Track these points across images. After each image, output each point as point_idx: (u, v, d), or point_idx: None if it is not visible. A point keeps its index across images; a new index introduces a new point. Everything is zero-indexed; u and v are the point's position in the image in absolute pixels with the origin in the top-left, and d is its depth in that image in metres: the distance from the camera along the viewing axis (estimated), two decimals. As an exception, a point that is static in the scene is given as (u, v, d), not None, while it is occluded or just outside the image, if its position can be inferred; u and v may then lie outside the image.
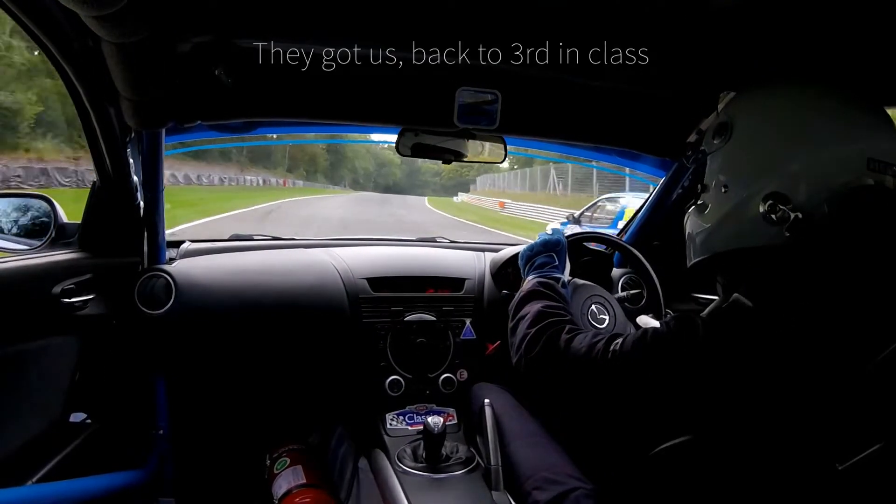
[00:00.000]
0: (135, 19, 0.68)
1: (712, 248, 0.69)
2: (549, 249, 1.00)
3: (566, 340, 0.73)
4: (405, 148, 1.20)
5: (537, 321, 0.80)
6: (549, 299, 0.86)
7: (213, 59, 0.94)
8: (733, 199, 0.66)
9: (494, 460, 0.94)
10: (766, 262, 0.63)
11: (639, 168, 1.53)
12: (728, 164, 0.68)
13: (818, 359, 0.56)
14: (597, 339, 0.70)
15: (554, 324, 0.78)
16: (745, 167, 0.66)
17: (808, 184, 0.60)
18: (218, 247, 1.42)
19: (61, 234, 1.11)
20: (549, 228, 1.09)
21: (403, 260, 1.42)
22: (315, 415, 1.53)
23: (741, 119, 0.67)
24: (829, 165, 0.60)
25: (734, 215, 0.65)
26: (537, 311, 0.82)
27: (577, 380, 0.70)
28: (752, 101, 0.69)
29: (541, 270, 0.96)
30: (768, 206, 0.60)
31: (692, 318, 0.62)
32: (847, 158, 0.59)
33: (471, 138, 1.20)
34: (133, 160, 1.09)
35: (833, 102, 0.64)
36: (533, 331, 0.78)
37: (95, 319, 1.08)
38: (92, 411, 1.17)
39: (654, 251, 1.42)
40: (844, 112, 0.63)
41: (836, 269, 0.60)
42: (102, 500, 1.08)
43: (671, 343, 0.62)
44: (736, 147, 0.67)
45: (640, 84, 1.07)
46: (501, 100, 1.09)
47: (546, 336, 0.76)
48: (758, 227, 0.62)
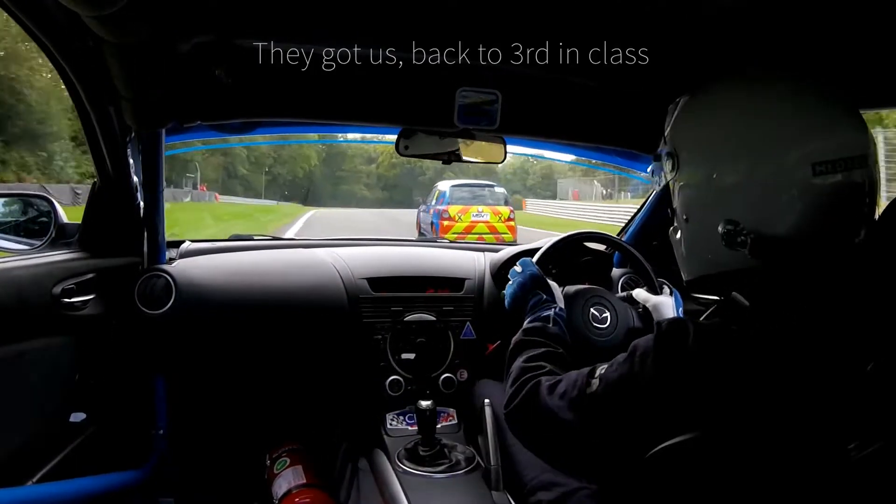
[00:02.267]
0: (135, 19, 0.68)
1: (694, 271, 0.70)
2: (530, 287, 0.96)
3: (546, 389, 0.70)
4: (405, 148, 1.20)
5: (518, 377, 0.77)
6: (534, 346, 0.83)
7: (213, 59, 0.94)
8: (695, 229, 0.66)
9: (494, 460, 0.94)
10: (745, 281, 0.63)
11: (639, 168, 1.53)
12: (683, 196, 0.68)
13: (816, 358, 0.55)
14: (577, 375, 0.68)
15: (533, 377, 0.75)
16: (697, 198, 0.66)
17: (756, 201, 0.59)
18: (218, 247, 1.42)
19: (61, 234, 1.11)
20: (517, 265, 1.02)
21: (403, 260, 1.42)
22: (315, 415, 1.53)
23: (682, 147, 0.67)
24: (774, 180, 0.58)
25: (700, 245, 0.66)
26: (518, 366, 0.79)
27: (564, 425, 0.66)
28: (687, 122, 0.68)
29: (532, 313, 0.92)
30: (725, 233, 0.60)
31: (683, 325, 0.60)
32: (791, 168, 0.58)
33: (471, 138, 1.20)
34: (133, 160, 1.09)
35: (770, 105, 0.61)
36: (513, 389, 0.75)
37: (95, 319, 1.08)
38: (92, 411, 1.17)
39: (654, 251, 1.42)
40: (783, 114, 0.60)
41: (811, 281, 0.59)
42: (102, 500, 1.08)
43: (658, 351, 0.59)
44: (684, 178, 0.67)
45: (640, 84, 1.07)
46: (501, 100, 1.09)
47: (525, 391, 0.73)
48: (724, 253, 0.62)
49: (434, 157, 1.22)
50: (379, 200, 47.79)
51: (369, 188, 53.12)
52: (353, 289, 1.27)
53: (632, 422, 0.61)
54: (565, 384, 0.68)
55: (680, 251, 0.72)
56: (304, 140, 28.40)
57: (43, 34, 0.81)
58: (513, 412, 0.73)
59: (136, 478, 1.22)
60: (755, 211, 0.60)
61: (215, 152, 29.07)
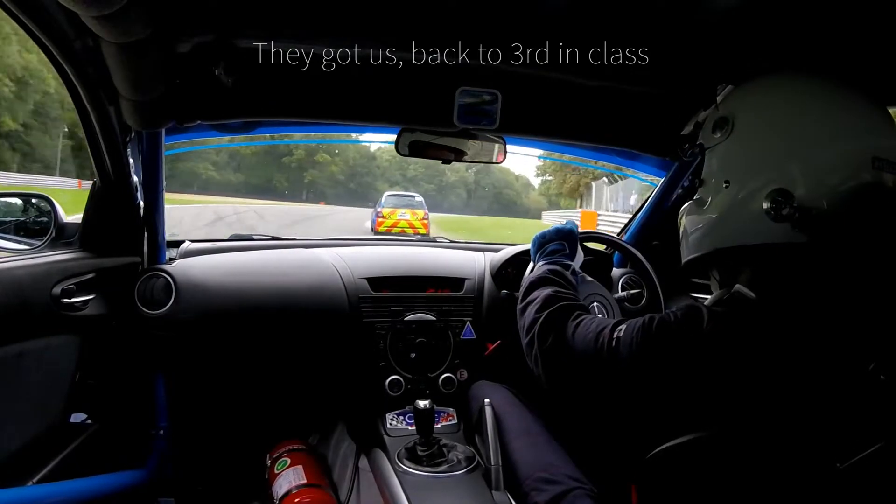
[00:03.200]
0: (135, 19, 0.68)
1: (712, 244, 0.68)
2: (561, 238, 1.00)
3: (574, 326, 0.72)
4: (405, 148, 1.20)
5: (547, 305, 0.78)
6: (559, 286, 0.85)
7: (213, 58, 0.94)
8: (735, 194, 0.65)
9: (494, 460, 0.94)
10: (767, 258, 0.63)
11: (639, 168, 1.53)
12: (729, 160, 0.67)
13: (821, 353, 0.56)
14: (603, 325, 0.69)
15: (563, 308, 0.76)
16: (747, 163, 0.65)
17: (811, 181, 0.60)
18: (218, 247, 1.42)
19: (61, 234, 1.11)
20: (563, 221, 1.09)
21: (403, 260, 1.42)
22: (315, 414, 1.53)
23: (742, 113, 0.66)
24: (833, 163, 0.59)
25: (736, 211, 0.65)
26: (548, 295, 0.80)
27: (584, 370, 0.69)
28: (754, 94, 0.68)
29: (552, 257, 0.96)
30: (771, 203, 0.60)
31: (697, 309, 0.61)
32: (851, 156, 0.59)
33: (471, 138, 1.20)
34: (133, 160, 1.09)
35: (837, 98, 0.64)
36: (543, 315, 0.76)
37: (95, 319, 1.08)
38: (92, 411, 1.17)
39: (654, 251, 1.42)
40: (848, 109, 0.63)
41: (838, 268, 0.59)
42: (102, 500, 1.08)
43: (676, 333, 0.61)
44: (737, 142, 0.66)
45: (640, 84, 1.07)
46: (501, 100, 1.09)
47: (556, 321, 0.74)
48: (760, 224, 0.61)
49: (434, 157, 1.22)
50: (232, 185, 40.19)
51: (218, 169, 42.81)
52: (353, 288, 1.27)
53: (643, 389, 0.63)
54: (590, 330, 0.70)
55: (699, 223, 0.70)
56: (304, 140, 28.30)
57: (43, 34, 0.81)
58: (545, 341, 0.74)
59: (136, 478, 1.22)
60: (807, 187, 0.59)
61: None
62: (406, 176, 50.26)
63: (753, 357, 0.57)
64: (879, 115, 0.63)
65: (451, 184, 57.63)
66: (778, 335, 0.58)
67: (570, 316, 0.74)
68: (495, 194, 59.09)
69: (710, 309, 0.62)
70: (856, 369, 0.54)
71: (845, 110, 0.62)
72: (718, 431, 0.59)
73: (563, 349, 0.72)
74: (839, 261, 0.59)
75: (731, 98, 0.70)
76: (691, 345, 0.59)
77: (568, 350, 0.71)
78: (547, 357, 0.74)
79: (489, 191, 59.95)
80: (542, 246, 1.01)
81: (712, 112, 0.71)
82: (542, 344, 0.75)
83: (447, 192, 56.37)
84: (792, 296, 0.60)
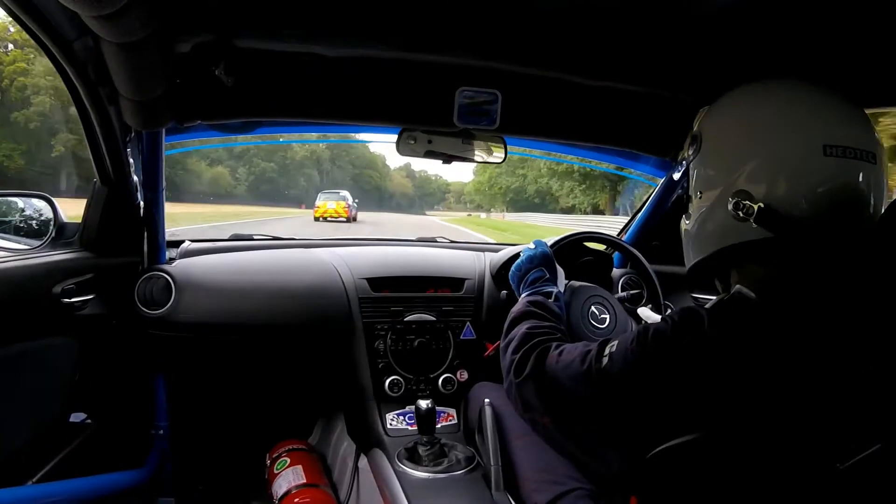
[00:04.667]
0: (135, 19, 0.68)
1: (701, 250, 0.72)
2: (537, 263, 0.98)
3: (555, 357, 0.72)
4: (405, 148, 1.19)
5: (523, 343, 0.78)
6: (539, 318, 0.84)
7: (213, 58, 0.94)
8: (706, 202, 0.70)
9: (494, 460, 0.94)
10: (752, 257, 0.66)
11: (639, 168, 1.53)
12: (700, 173, 0.72)
13: (820, 354, 0.56)
14: (588, 348, 0.69)
15: (541, 342, 0.76)
16: (712, 172, 0.70)
17: (767, 175, 0.63)
18: (218, 247, 1.42)
19: (61, 234, 1.11)
20: (531, 243, 1.06)
21: (403, 260, 1.42)
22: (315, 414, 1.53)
23: (707, 129, 0.72)
24: (785, 155, 0.63)
25: (710, 218, 0.70)
26: (524, 333, 0.80)
27: (573, 396, 0.68)
28: (717, 109, 0.73)
29: (533, 287, 0.94)
30: (734, 204, 0.64)
31: (696, 311, 0.62)
32: (803, 146, 0.62)
33: (471, 138, 1.20)
34: (133, 160, 1.09)
35: (794, 98, 0.66)
36: (518, 355, 0.76)
37: (95, 319, 1.08)
38: (92, 411, 1.18)
39: (654, 251, 1.42)
40: (803, 104, 0.65)
41: (811, 260, 0.61)
42: (102, 500, 1.08)
43: (674, 338, 0.61)
44: (704, 155, 0.72)
45: (640, 84, 1.07)
46: (501, 100, 1.09)
47: (533, 356, 0.74)
48: (731, 226, 0.65)
49: (433, 157, 1.22)
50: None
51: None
52: (353, 289, 1.27)
53: (642, 403, 0.63)
54: (574, 355, 0.70)
55: (687, 233, 0.75)
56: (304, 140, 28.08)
57: (43, 34, 0.81)
58: (523, 381, 0.74)
59: (135, 478, 1.23)
60: (764, 183, 0.63)
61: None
62: (233, 153, 40.46)
63: (756, 356, 0.57)
64: (840, 109, 0.65)
65: (299, 162, 48.52)
66: (779, 333, 0.58)
67: (550, 348, 0.74)
68: (354, 175, 52.90)
69: (710, 310, 0.62)
70: (855, 368, 0.54)
71: (799, 106, 0.65)
72: (718, 432, 0.58)
73: (545, 383, 0.71)
74: (810, 252, 0.61)
75: (702, 116, 0.75)
76: (691, 349, 0.59)
77: (550, 382, 0.71)
78: (525, 391, 0.74)
79: (348, 171, 53.24)
80: (522, 279, 0.98)
81: (691, 131, 0.76)
82: (517, 377, 0.75)
83: (293, 174, 48.02)
84: (785, 293, 0.61)
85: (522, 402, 0.75)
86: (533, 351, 0.75)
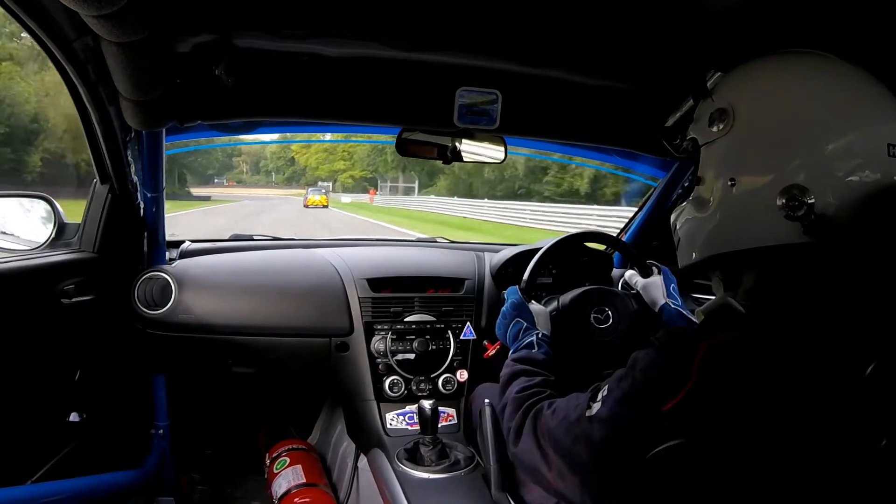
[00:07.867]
0: (135, 19, 0.68)
1: (717, 247, 0.63)
2: (512, 317, 0.98)
3: (549, 416, 0.70)
4: (405, 148, 1.20)
5: (516, 408, 0.77)
6: (527, 375, 0.84)
7: (213, 58, 0.94)
8: (743, 192, 0.59)
9: (494, 461, 0.94)
10: (775, 261, 0.58)
11: (639, 168, 1.53)
12: (733, 155, 0.61)
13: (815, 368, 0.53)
14: (579, 400, 0.67)
15: (533, 404, 0.75)
16: (755, 158, 0.59)
17: (826, 174, 0.55)
18: (217, 247, 1.42)
19: (61, 234, 1.11)
20: (504, 294, 1.05)
21: (403, 260, 1.42)
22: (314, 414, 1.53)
23: (744, 103, 0.61)
24: (848, 153, 0.55)
25: (745, 211, 0.59)
26: (514, 396, 0.79)
27: (571, 450, 0.65)
28: (755, 80, 0.63)
29: (515, 342, 0.94)
30: (787, 200, 0.55)
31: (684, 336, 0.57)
32: (868, 142, 0.55)
33: (471, 138, 1.20)
34: (133, 160, 1.09)
35: (847, 81, 0.58)
36: (514, 422, 0.75)
37: (95, 319, 1.08)
38: (91, 411, 1.17)
39: (654, 251, 1.42)
40: (858, 92, 0.58)
41: (845, 271, 0.56)
42: (102, 500, 1.08)
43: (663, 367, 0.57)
44: (741, 135, 0.60)
45: (639, 84, 1.07)
46: (501, 100, 1.09)
47: (528, 420, 0.73)
48: (773, 224, 0.56)
49: (433, 157, 1.22)
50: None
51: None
52: (353, 289, 1.27)
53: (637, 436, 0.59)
54: (567, 409, 0.68)
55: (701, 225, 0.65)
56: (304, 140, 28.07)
57: (43, 34, 0.81)
58: (525, 443, 0.72)
59: (135, 477, 1.23)
60: (819, 181, 0.55)
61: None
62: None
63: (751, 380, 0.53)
64: (889, 100, 0.58)
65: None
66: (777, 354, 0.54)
67: (542, 409, 0.72)
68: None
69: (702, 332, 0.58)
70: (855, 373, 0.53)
71: (856, 94, 0.58)
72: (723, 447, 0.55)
73: (543, 445, 0.70)
74: (846, 263, 0.55)
75: (726, 86, 0.64)
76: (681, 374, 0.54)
77: (548, 442, 0.69)
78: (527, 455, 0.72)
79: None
80: (506, 336, 0.98)
81: (706, 104, 0.65)
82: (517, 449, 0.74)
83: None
84: (791, 303, 0.57)
85: (527, 468, 0.74)
86: (526, 414, 0.74)
